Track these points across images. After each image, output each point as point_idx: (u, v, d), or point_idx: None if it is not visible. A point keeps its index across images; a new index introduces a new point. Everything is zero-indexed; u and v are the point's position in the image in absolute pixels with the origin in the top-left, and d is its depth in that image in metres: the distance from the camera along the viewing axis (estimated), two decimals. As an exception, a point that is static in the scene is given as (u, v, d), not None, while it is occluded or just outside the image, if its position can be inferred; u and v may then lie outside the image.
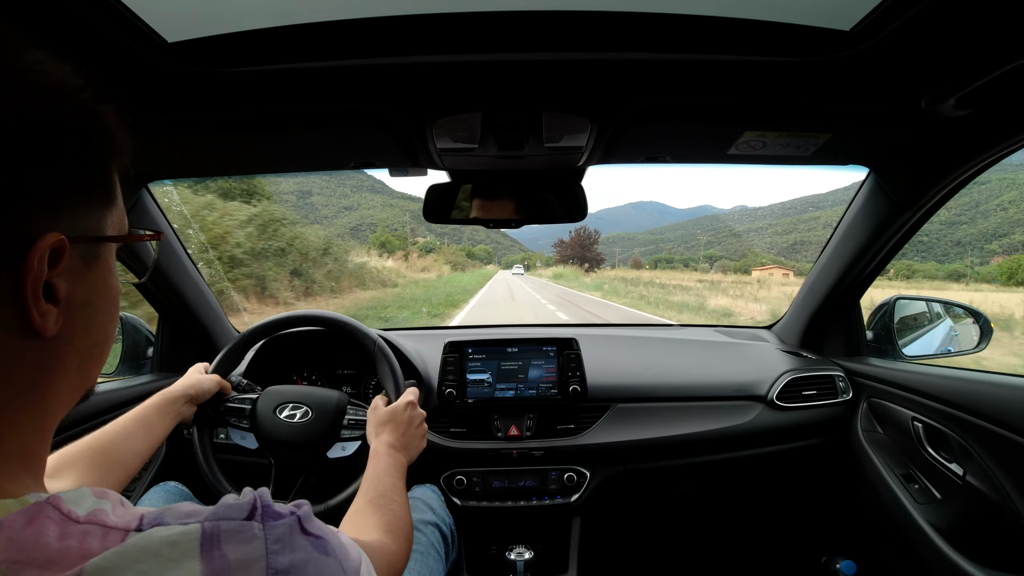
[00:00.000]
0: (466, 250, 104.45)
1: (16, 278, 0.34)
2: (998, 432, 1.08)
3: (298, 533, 0.39)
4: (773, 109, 1.02)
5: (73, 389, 0.42)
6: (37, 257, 0.35)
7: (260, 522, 0.37)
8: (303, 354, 1.62)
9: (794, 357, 1.66)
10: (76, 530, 0.33)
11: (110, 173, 0.42)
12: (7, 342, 0.36)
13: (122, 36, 0.71)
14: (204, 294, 1.62)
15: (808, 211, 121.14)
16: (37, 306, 0.35)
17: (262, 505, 0.39)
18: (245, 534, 0.36)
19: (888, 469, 1.39)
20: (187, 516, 0.36)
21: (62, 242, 0.36)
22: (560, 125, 1.03)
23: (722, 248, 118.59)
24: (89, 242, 0.40)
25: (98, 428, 1.26)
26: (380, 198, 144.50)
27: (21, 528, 0.32)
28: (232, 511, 0.37)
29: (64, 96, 0.37)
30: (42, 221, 0.35)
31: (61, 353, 0.39)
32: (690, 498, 1.68)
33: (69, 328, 0.39)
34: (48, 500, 0.34)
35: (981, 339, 1.46)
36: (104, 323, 0.43)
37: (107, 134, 0.40)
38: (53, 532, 0.33)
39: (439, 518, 1.23)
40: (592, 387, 1.49)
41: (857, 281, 1.55)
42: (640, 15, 0.75)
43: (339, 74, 0.87)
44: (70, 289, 0.38)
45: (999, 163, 1.10)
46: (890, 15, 0.70)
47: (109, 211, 0.42)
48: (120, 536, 0.34)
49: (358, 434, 1.19)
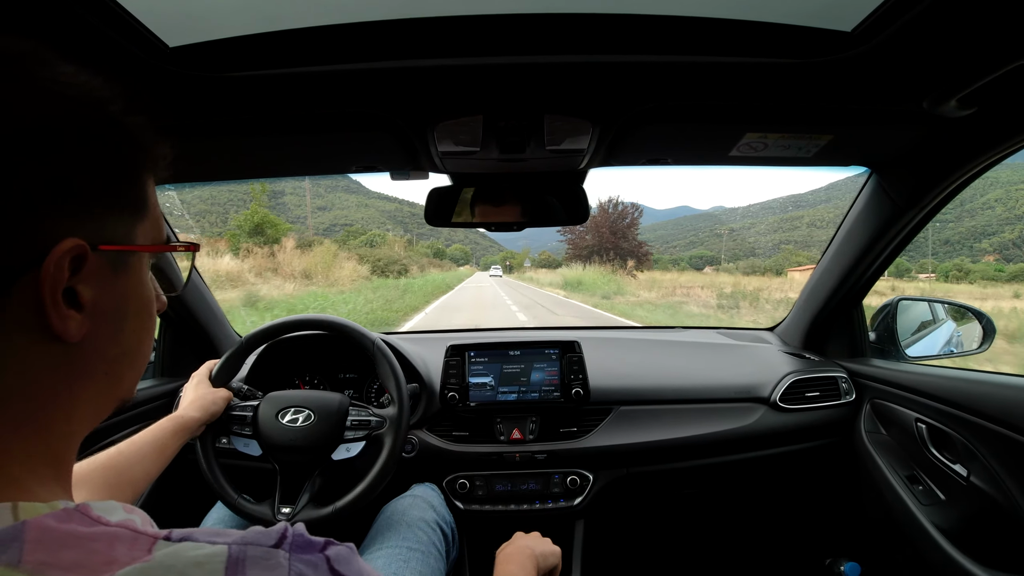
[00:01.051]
0: (433, 247, 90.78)
1: (36, 282, 0.35)
2: (1002, 433, 1.07)
3: (325, 571, 0.38)
4: (775, 110, 1.02)
5: (104, 397, 0.42)
6: (54, 262, 0.35)
7: (288, 552, 0.37)
8: (305, 359, 1.62)
9: (797, 359, 1.66)
10: (105, 533, 0.33)
11: (141, 183, 0.42)
12: (32, 346, 0.36)
13: (124, 41, 0.71)
14: (205, 298, 1.63)
15: (788, 211, 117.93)
16: (57, 311, 0.36)
17: (292, 535, 0.38)
18: (270, 561, 0.36)
19: (892, 470, 1.38)
20: (216, 536, 0.36)
21: (83, 248, 0.36)
22: (562, 128, 1.03)
23: (708, 247, 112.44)
24: (115, 250, 0.40)
25: (102, 432, 1.27)
26: (355, 198, 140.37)
27: (50, 531, 0.32)
28: (261, 537, 0.37)
29: (89, 107, 0.37)
30: (62, 227, 0.36)
31: (86, 360, 0.40)
32: (693, 501, 1.68)
33: (95, 335, 0.39)
34: (78, 507, 0.34)
35: (984, 339, 1.46)
36: (136, 331, 0.44)
37: (137, 145, 0.41)
38: (82, 535, 0.33)
39: (440, 517, 1.23)
40: (595, 390, 1.49)
41: (860, 282, 1.55)
42: (641, 17, 0.75)
43: (340, 78, 0.87)
44: (96, 296, 0.39)
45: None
46: (891, 16, 0.70)
47: (140, 220, 0.42)
48: (149, 543, 0.34)
49: (362, 435, 1.19)
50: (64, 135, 0.36)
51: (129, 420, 1.37)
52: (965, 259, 74.52)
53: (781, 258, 78.79)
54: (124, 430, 1.35)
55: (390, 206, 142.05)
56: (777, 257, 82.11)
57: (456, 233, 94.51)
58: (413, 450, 1.44)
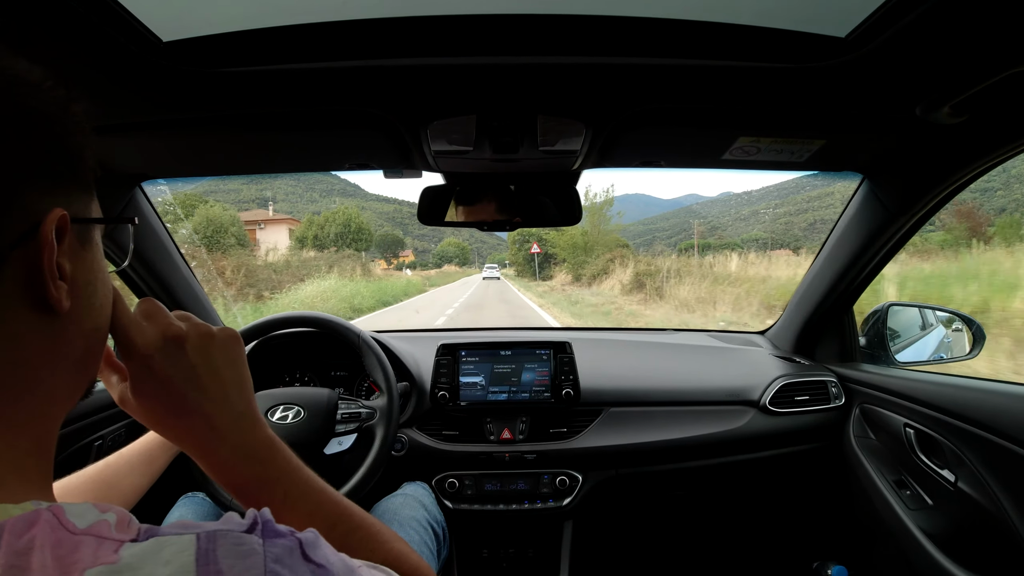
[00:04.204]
0: (390, 235, 72.10)
1: (33, 254, 0.37)
2: (990, 439, 1.08)
3: (299, 557, 0.37)
4: (767, 115, 1.02)
5: (79, 375, 0.43)
6: (50, 231, 0.37)
7: (260, 537, 0.36)
8: (294, 357, 1.61)
9: (787, 362, 1.67)
10: (70, 540, 0.33)
11: (87, 162, 0.44)
12: (21, 319, 0.37)
13: (117, 35, 0.71)
14: (196, 293, 1.61)
15: (803, 191, 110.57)
16: (53, 280, 0.38)
17: (263, 521, 0.38)
18: (244, 547, 0.35)
19: (880, 475, 1.39)
20: (183, 528, 0.36)
21: (65, 219, 0.38)
22: (555, 129, 1.03)
23: (756, 231, 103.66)
24: (83, 223, 0.42)
25: (93, 426, 1.26)
26: (353, 201, 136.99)
27: (18, 535, 0.32)
28: (232, 524, 0.37)
29: (43, 91, 0.39)
30: (44, 202, 0.38)
31: (68, 334, 0.41)
32: (682, 502, 1.68)
33: (76, 308, 0.41)
34: (49, 508, 0.34)
35: (974, 346, 1.46)
36: (104, 305, 0.45)
37: (81, 126, 0.42)
38: (47, 541, 0.32)
39: (431, 516, 1.22)
40: (585, 391, 1.49)
41: (851, 287, 1.55)
42: (635, 20, 0.75)
43: (334, 75, 0.86)
44: (73, 269, 0.40)
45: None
46: (885, 22, 0.70)
47: (92, 198, 0.45)
48: (114, 547, 0.33)
49: (353, 427, 1.19)
50: (32, 116, 0.38)
51: (122, 413, 1.35)
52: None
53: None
54: (117, 423, 1.34)
55: (388, 208, 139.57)
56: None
57: (460, 231, 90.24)
58: (403, 448, 1.44)
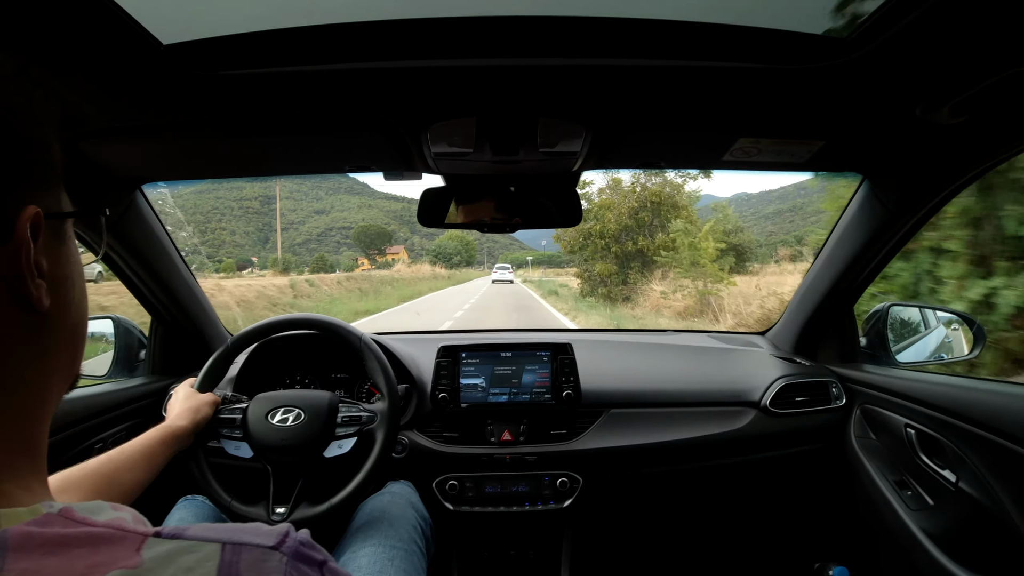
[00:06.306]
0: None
1: (10, 254, 0.36)
2: (991, 439, 1.08)
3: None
4: (768, 116, 1.02)
5: (65, 372, 0.43)
6: (25, 229, 0.36)
7: (286, 555, 0.36)
8: (295, 360, 1.61)
9: (788, 363, 1.67)
10: (89, 534, 0.33)
11: (55, 154, 0.43)
12: (4, 318, 0.37)
13: (117, 38, 0.71)
14: (197, 296, 1.62)
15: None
16: (32, 278, 0.37)
17: (295, 540, 0.37)
18: (268, 564, 0.35)
19: (881, 475, 1.39)
20: (210, 532, 0.35)
21: (39, 216, 0.38)
22: (555, 131, 1.04)
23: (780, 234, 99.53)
24: (56, 218, 0.42)
25: (93, 429, 1.26)
26: (358, 199, 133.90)
27: (32, 537, 0.31)
28: (260, 536, 0.36)
29: (4, 82, 0.39)
30: (19, 200, 0.37)
31: (51, 331, 0.40)
32: (683, 504, 1.68)
33: (56, 304, 0.40)
34: (60, 511, 0.34)
35: (975, 345, 1.46)
36: (81, 300, 0.45)
37: (47, 116, 0.42)
38: (65, 539, 0.32)
39: (419, 514, 1.23)
40: (586, 392, 1.49)
41: (851, 288, 1.55)
42: (635, 21, 0.75)
43: (334, 78, 0.87)
44: (51, 265, 0.40)
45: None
46: (886, 23, 0.70)
47: (61, 192, 0.44)
48: (137, 541, 0.33)
49: (353, 430, 1.19)
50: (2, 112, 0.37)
51: (122, 416, 1.37)
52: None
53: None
54: (118, 426, 1.35)
55: (396, 206, 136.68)
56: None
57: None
58: (404, 450, 1.43)
